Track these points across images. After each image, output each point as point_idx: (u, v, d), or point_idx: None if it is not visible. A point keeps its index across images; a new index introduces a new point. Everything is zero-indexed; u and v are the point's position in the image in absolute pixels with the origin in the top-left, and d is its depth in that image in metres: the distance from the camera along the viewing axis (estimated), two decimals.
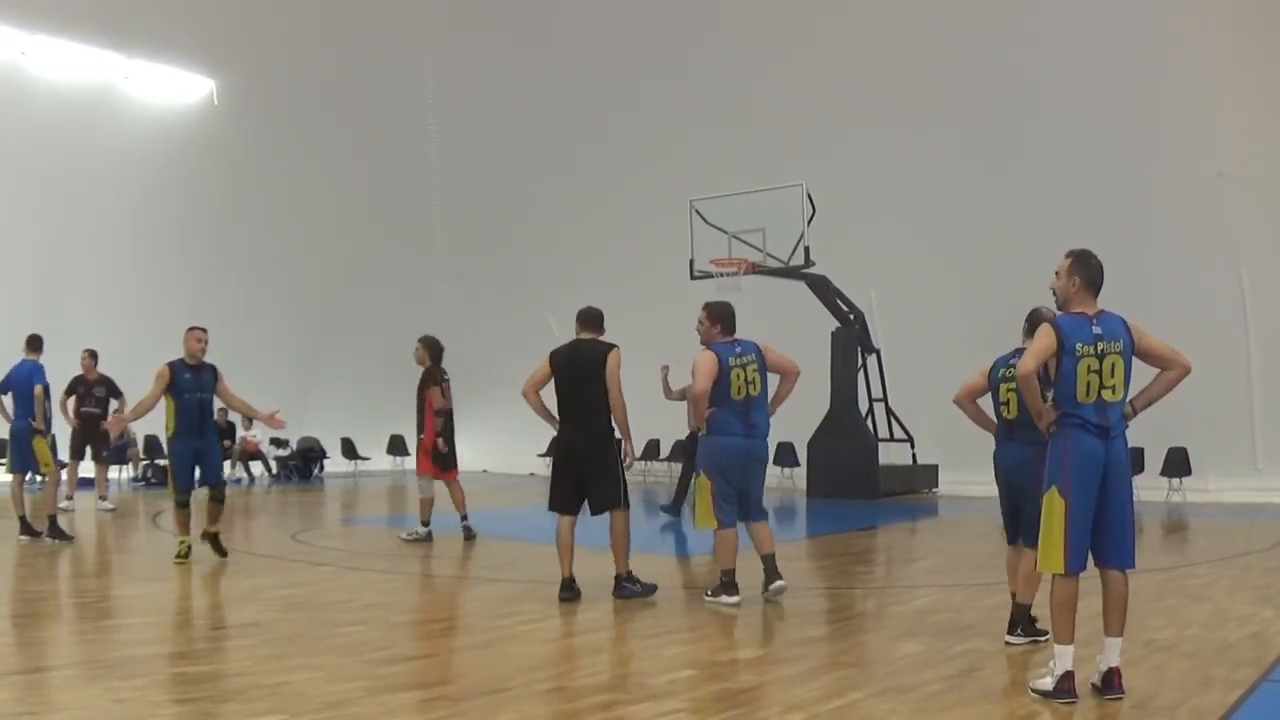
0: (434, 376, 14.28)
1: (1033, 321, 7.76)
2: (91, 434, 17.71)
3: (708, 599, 10.03)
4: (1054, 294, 6.89)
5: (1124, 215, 21.11)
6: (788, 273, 21.69)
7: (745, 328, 10.15)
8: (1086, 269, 6.70)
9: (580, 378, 10.04)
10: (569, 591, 9.87)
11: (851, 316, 22.77)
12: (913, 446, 23.74)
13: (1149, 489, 20.92)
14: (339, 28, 27.37)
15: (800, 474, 24.25)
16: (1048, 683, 6.53)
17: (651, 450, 27.10)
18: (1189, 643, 8.02)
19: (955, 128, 22.95)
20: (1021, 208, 22.22)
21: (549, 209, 29.18)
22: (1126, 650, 6.78)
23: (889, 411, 23.55)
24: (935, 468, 23.85)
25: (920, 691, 6.76)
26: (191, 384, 12.11)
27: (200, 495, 12.20)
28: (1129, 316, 6.70)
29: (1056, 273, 6.80)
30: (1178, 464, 21.30)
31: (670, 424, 18.16)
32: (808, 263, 21.23)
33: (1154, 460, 21.10)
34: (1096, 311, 6.67)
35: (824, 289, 22.18)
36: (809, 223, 21.08)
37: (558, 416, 10.23)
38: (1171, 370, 6.72)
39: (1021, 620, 8.17)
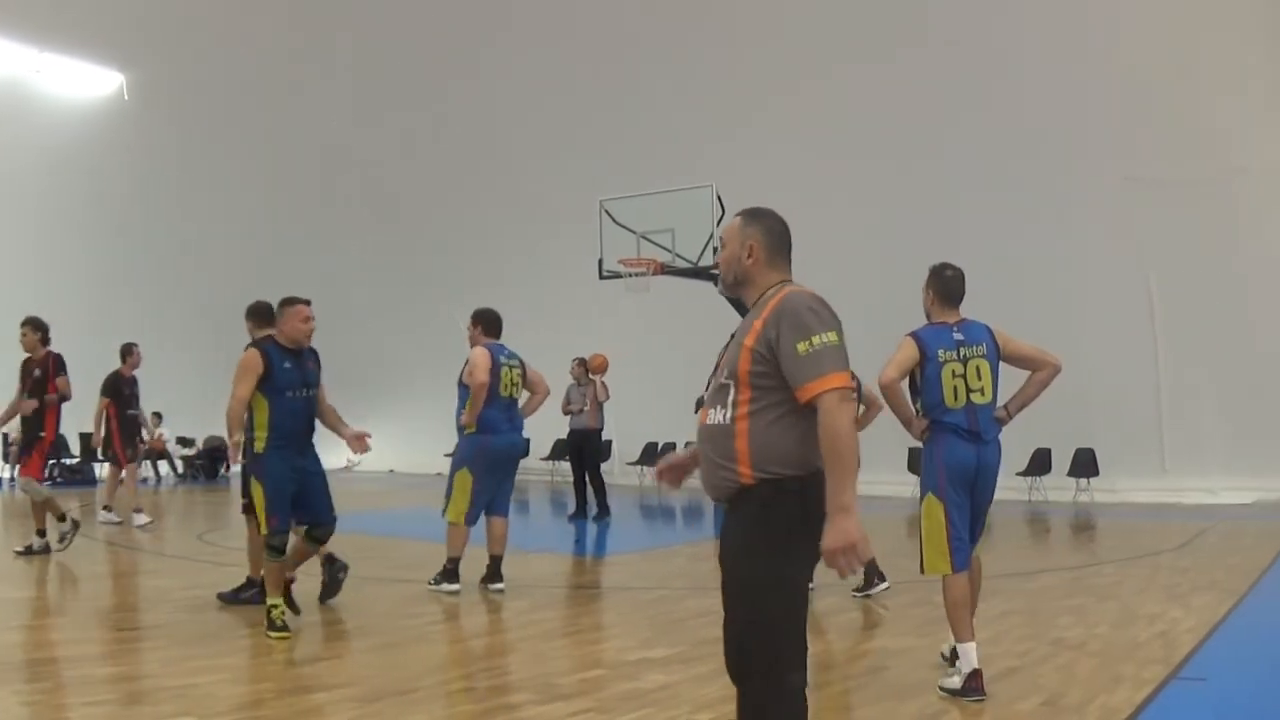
0: (62, 362, 12.60)
1: None
2: (134, 435, 16.32)
3: (430, 586, 10.24)
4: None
5: (1034, 219, 21.38)
6: (696, 273, 21.71)
7: (656, 327, 10.21)
8: (941, 282, 7.01)
9: None
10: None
11: None
12: None
13: (1056, 489, 21.26)
14: (252, 24, 27.01)
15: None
16: (955, 681, 6.59)
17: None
18: (1097, 641, 8.12)
19: (867, 131, 23.05)
20: (933, 213, 22.36)
21: (460, 209, 29.00)
22: (1035, 649, 6.85)
23: None
24: None
25: (827, 690, 6.80)
26: (294, 377, 8.61)
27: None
28: (1039, 319, 6.84)
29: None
30: (1085, 464, 21.54)
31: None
32: (716, 263, 21.21)
33: (1062, 461, 21.41)
34: (958, 319, 6.93)
35: None
36: (718, 223, 21.13)
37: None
38: (1042, 370, 6.97)
39: None
